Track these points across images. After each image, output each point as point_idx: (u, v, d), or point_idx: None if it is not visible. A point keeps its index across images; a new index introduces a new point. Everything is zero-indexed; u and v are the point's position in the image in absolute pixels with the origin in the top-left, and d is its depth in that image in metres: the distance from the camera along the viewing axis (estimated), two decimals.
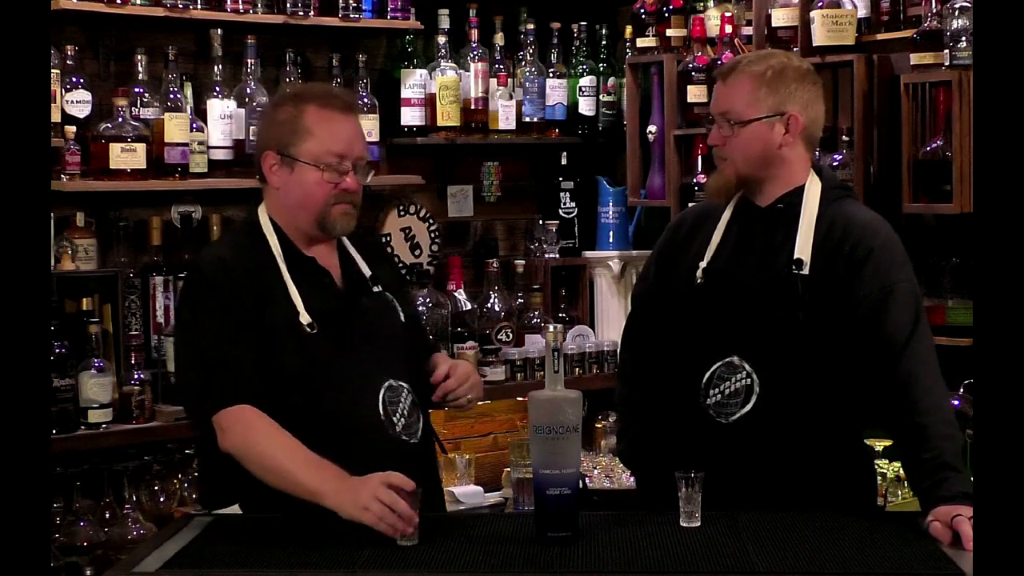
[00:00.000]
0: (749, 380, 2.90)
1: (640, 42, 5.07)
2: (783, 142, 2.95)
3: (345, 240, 3.02)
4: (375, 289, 2.99)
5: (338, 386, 2.85)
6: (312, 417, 2.83)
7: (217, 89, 4.52)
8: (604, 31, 5.45)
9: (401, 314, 3.02)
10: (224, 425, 2.80)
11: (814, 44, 4.37)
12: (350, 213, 2.93)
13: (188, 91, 4.49)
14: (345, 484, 2.64)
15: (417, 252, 5.02)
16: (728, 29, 4.73)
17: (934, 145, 4.07)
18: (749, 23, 4.71)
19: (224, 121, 4.50)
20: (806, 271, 2.89)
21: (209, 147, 4.47)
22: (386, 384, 2.88)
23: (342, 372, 2.85)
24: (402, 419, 2.88)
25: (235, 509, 2.88)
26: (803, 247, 2.91)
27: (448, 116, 4.96)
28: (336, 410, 2.84)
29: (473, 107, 5.06)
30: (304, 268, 2.92)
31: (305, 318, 2.84)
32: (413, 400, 2.93)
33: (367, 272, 3.00)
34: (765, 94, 2.93)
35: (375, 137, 4.71)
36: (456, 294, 4.97)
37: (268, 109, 3.13)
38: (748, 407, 2.90)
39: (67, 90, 4.27)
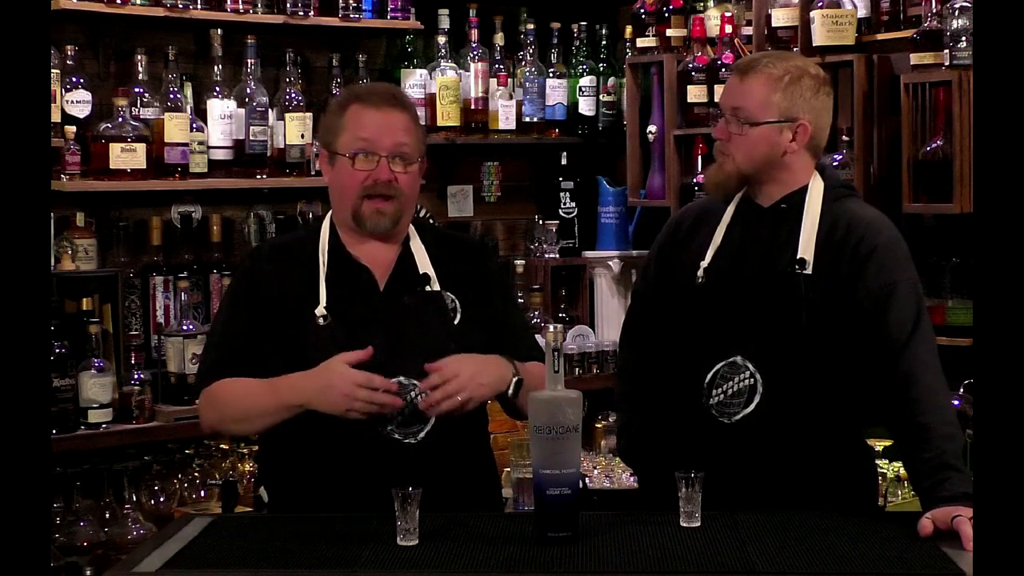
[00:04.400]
0: (752, 380, 2.89)
1: (640, 42, 5.07)
2: (788, 148, 2.93)
3: (414, 237, 2.99)
4: (427, 289, 2.94)
5: None
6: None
7: (217, 89, 4.53)
8: (604, 31, 5.45)
9: (458, 316, 2.95)
10: (201, 404, 2.96)
11: (814, 44, 4.36)
12: (383, 211, 2.89)
13: (188, 91, 4.49)
14: (315, 383, 2.76)
15: None
16: (728, 29, 4.73)
17: (934, 145, 4.07)
18: (749, 23, 4.71)
19: (224, 121, 4.50)
20: (809, 270, 2.88)
21: (209, 147, 4.47)
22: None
23: None
24: (398, 417, 2.84)
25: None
26: (806, 246, 2.90)
27: (448, 116, 4.97)
28: None
29: (473, 107, 5.06)
30: (343, 264, 2.93)
31: (321, 311, 2.86)
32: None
33: (429, 271, 2.95)
34: (780, 98, 2.91)
35: None
36: None
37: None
38: (751, 407, 2.89)
39: (67, 90, 4.27)
